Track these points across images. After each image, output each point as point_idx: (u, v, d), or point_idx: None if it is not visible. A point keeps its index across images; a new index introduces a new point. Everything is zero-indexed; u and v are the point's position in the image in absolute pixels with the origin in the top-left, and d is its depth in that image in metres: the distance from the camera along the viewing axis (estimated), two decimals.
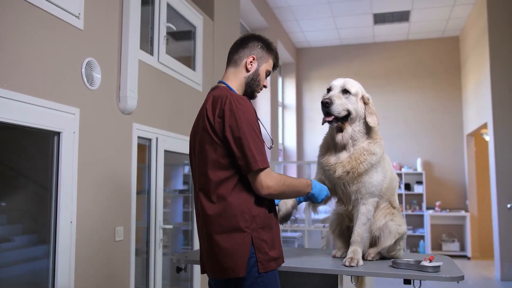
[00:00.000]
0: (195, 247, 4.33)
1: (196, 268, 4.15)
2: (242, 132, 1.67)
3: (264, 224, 1.74)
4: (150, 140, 3.68)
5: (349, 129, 2.10)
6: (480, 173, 8.28)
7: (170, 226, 3.84)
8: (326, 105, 2.05)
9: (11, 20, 2.31)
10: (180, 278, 4.41)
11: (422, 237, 8.44)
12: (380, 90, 8.74)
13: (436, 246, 8.44)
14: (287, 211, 2.14)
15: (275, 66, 2.00)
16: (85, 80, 2.84)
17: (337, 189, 2.20)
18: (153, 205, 3.64)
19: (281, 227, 5.60)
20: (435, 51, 8.84)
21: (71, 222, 2.67)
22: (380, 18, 7.88)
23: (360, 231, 2.11)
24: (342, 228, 2.35)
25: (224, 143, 1.71)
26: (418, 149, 8.73)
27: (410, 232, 8.34)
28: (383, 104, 8.52)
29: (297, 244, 6.00)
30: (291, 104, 9.35)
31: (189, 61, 4.55)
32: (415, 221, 8.62)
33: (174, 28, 4.08)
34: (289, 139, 9.27)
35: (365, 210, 2.12)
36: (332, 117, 2.06)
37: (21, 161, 2.90)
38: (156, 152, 3.69)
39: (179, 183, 5.06)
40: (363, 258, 2.13)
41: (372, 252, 2.19)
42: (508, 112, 6.36)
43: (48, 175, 2.64)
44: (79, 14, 2.78)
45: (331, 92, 2.13)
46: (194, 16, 4.49)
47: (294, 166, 8.96)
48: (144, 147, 3.67)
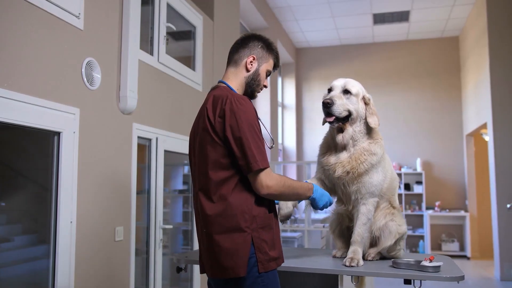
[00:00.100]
0: (195, 247, 4.33)
1: (196, 268, 4.15)
2: (243, 132, 1.67)
3: (264, 224, 1.74)
4: (150, 140, 3.68)
5: (350, 130, 2.10)
6: (480, 173, 8.28)
7: (170, 226, 3.84)
8: (327, 106, 2.05)
9: (11, 20, 2.31)
10: (180, 278, 4.41)
11: (422, 237, 8.45)
12: (380, 90, 8.74)
13: (436, 246, 8.45)
14: (288, 211, 2.15)
15: (276, 66, 2.00)
16: (85, 80, 2.84)
17: (337, 189, 2.20)
18: (153, 205, 3.64)
19: (281, 227, 5.61)
20: (435, 51, 8.84)
21: (71, 222, 2.67)
22: (380, 18, 7.89)
23: (361, 231, 2.12)
24: (342, 228, 2.36)
25: (225, 143, 1.71)
26: (418, 149, 8.73)
27: (410, 232, 8.34)
28: (383, 104, 8.51)
29: (297, 244, 6.01)
30: (291, 104, 9.34)
31: (189, 61, 4.55)
32: (415, 221, 8.62)
33: (174, 28, 4.08)
34: (289, 139, 9.27)
35: (365, 210, 2.12)
36: (333, 118, 2.07)
37: (21, 161, 2.90)
38: (156, 152, 3.69)
39: (179, 183, 5.06)
40: (363, 258, 2.14)
41: (372, 252, 2.20)
42: (508, 112, 6.36)
43: (48, 175, 2.64)
44: (79, 14, 2.78)
45: (332, 93, 2.13)
46: (194, 16, 4.49)
47: (294, 166, 8.96)
48: (144, 147, 3.67)
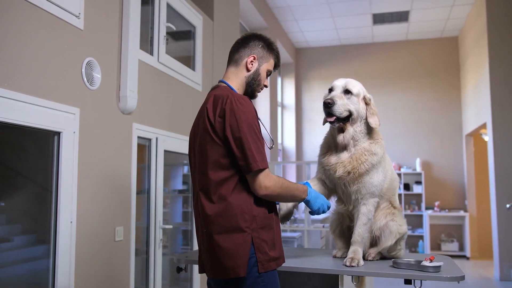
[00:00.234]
0: (195, 247, 4.33)
1: (196, 268, 4.14)
2: (243, 132, 1.67)
3: (264, 224, 1.73)
4: (150, 140, 3.68)
5: (351, 130, 2.10)
6: (479, 173, 8.28)
7: (170, 226, 3.84)
8: (328, 106, 2.05)
9: (11, 20, 2.31)
10: (180, 278, 4.41)
11: (421, 237, 8.45)
12: (379, 90, 8.75)
13: (435, 246, 8.45)
14: (288, 211, 2.15)
15: (276, 66, 1.99)
16: (85, 80, 2.83)
17: (338, 189, 2.20)
18: (153, 205, 3.64)
19: (281, 227, 5.59)
20: (434, 51, 8.85)
21: (71, 222, 2.67)
22: (379, 18, 7.89)
23: (361, 231, 2.12)
24: (343, 228, 2.35)
25: (225, 143, 1.71)
26: (417, 149, 8.74)
27: (409, 232, 8.34)
28: (382, 104, 8.51)
29: (297, 244, 6.00)
30: (290, 104, 9.35)
31: (189, 61, 4.55)
32: (414, 221, 8.62)
33: (174, 28, 4.08)
34: (288, 139, 9.27)
35: (366, 210, 2.12)
36: (334, 118, 2.06)
37: (21, 161, 2.90)
38: (156, 152, 3.69)
39: (179, 183, 5.05)
40: (364, 258, 2.14)
41: (373, 252, 2.20)
42: (507, 112, 6.36)
43: (48, 175, 2.64)
44: (79, 14, 2.78)
45: (333, 93, 2.12)
46: (194, 16, 4.49)
47: (293, 166, 8.96)
48: (144, 147, 3.67)
